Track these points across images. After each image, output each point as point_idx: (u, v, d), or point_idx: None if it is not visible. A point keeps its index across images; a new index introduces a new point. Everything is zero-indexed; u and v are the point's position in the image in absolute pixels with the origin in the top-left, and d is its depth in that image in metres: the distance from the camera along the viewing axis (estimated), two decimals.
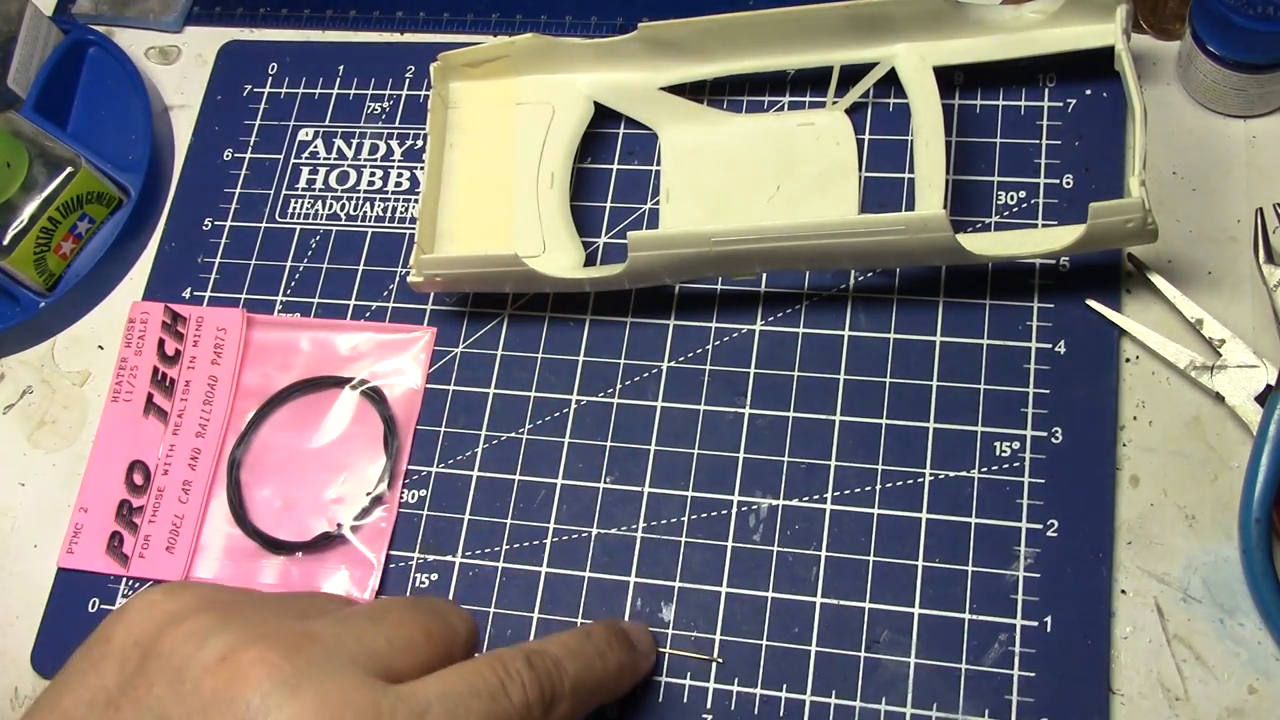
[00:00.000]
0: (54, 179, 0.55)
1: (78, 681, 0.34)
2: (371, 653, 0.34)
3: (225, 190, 0.58)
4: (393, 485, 0.50)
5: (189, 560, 0.50)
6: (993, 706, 0.43)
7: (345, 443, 0.51)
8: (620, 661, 0.41)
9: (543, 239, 0.51)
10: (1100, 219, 0.43)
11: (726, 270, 0.49)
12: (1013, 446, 0.46)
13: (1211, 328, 0.46)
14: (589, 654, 0.39)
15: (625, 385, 0.50)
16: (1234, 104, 0.49)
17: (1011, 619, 0.44)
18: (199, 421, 0.52)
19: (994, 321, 0.48)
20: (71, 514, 0.52)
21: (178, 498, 0.51)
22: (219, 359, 0.53)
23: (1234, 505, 0.43)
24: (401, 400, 0.51)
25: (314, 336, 0.54)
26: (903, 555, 0.45)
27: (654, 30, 0.51)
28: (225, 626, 0.33)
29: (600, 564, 0.47)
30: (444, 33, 0.59)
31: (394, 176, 0.56)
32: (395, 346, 0.53)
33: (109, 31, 0.63)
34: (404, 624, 0.36)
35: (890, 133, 0.52)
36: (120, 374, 0.54)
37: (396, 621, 0.36)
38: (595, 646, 0.40)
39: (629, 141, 0.54)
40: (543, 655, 0.37)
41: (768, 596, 0.46)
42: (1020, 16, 0.49)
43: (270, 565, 0.50)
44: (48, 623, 0.51)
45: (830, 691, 0.44)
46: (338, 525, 0.50)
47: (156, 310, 0.55)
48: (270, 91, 0.59)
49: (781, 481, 0.47)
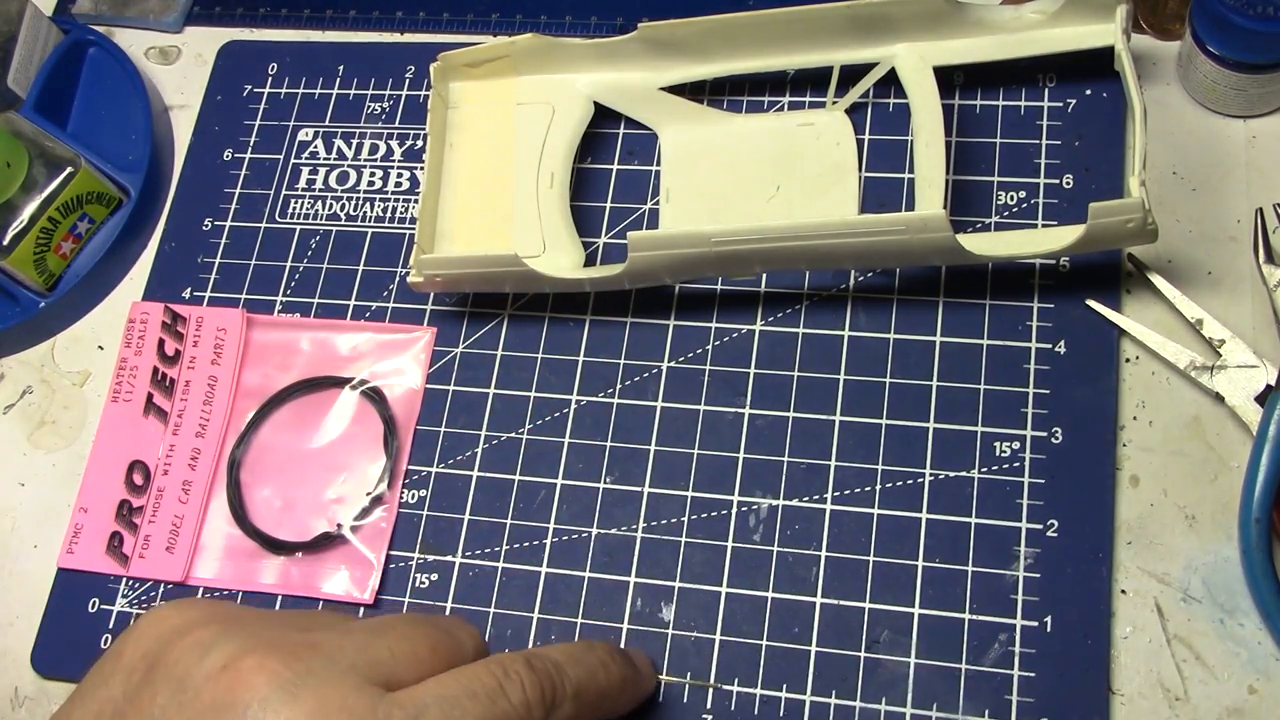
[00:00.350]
0: (54, 179, 0.55)
1: (89, 695, 0.34)
2: (372, 661, 0.34)
3: (225, 190, 0.58)
4: (393, 485, 0.50)
5: (189, 560, 0.50)
6: (993, 706, 0.43)
7: (345, 443, 0.51)
8: (623, 674, 0.41)
9: (543, 239, 0.51)
10: (1100, 219, 0.43)
11: (726, 270, 0.49)
12: (1013, 446, 0.46)
13: (1211, 328, 0.46)
14: (592, 662, 0.39)
15: (625, 385, 0.50)
16: (1234, 104, 0.49)
17: (1011, 619, 0.44)
18: (199, 421, 0.52)
19: (994, 321, 0.48)
20: (71, 514, 0.52)
21: (178, 498, 0.51)
22: (219, 359, 0.53)
23: (1234, 505, 0.43)
24: (401, 400, 0.51)
25: (314, 337, 0.54)
26: (903, 555, 0.45)
27: (654, 30, 0.51)
28: (228, 637, 0.33)
29: (600, 564, 0.47)
30: (444, 33, 0.59)
31: (394, 176, 0.56)
32: (395, 346, 0.53)
33: (109, 31, 0.63)
34: (407, 636, 0.36)
35: (890, 133, 0.52)
36: (120, 374, 0.54)
37: (400, 634, 0.36)
38: (598, 657, 0.40)
39: (629, 141, 0.54)
40: (544, 658, 0.37)
41: (768, 596, 0.46)
42: (1020, 16, 0.49)
43: (270, 565, 0.50)
44: (48, 623, 0.51)
45: (830, 691, 0.44)
46: (338, 525, 0.50)
47: (156, 310, 0.55)
48: (270, 91, 0.59)
49: (781, 481, 0.47)
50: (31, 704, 0.50)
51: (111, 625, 0.50)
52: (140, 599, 0.50)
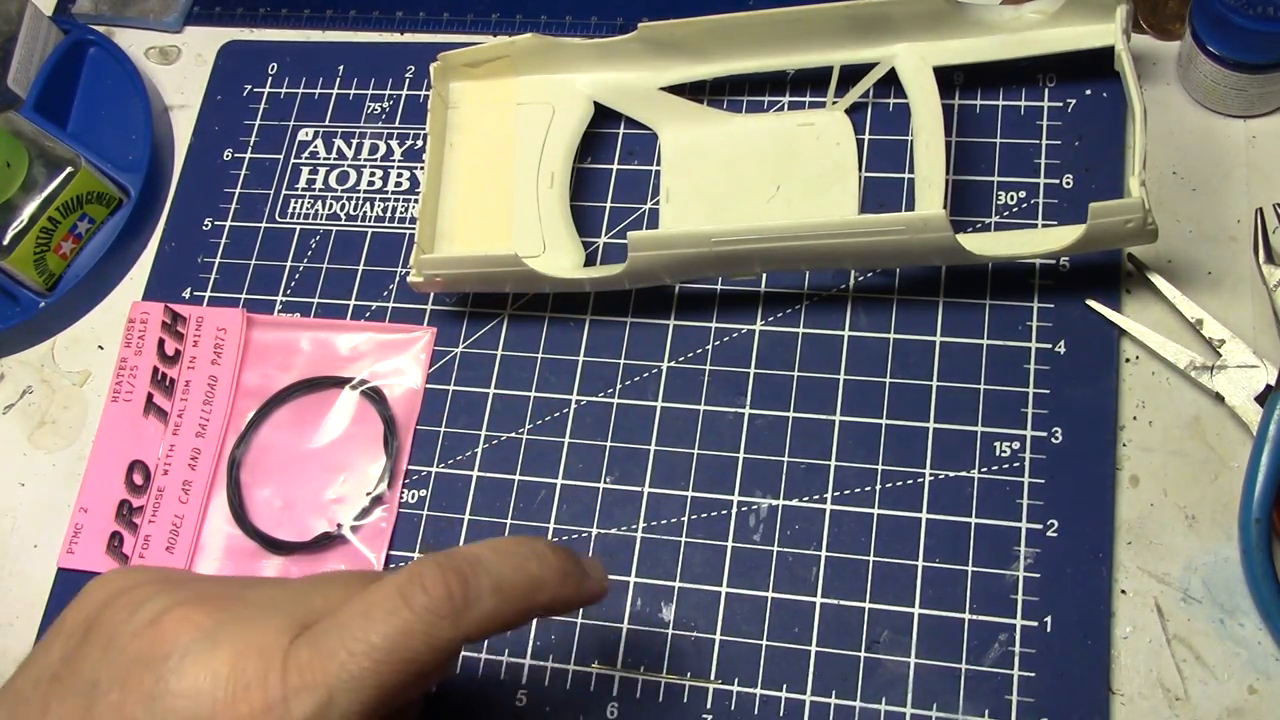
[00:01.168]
0: (54, 179, 0.55)
1: (32, 663, 0.35)
2: (304, 608, 0.33)
3: (225, 190, 0.58)
4: (393, 485, 0.50)
5: (189, 560, 0.50)
6: (993, 706, 0.43)
7: (345, 443, 0.51)
8: (562, 566, 0.36)
9: (543, 239, 0.51)
10: (1100, 219, 0.43)
11: (726, 270, 0.49)
12: (1013, 446, 0.46)
13: (1211, 328, 0.46)
14: (521, 553, 0.35)
15: (625, 385, 0.50)
16: (1234, 104, 0.49)
17: (1011, 619, 0.44)
18: (199, 421, 0.52)
19: (994, 321, 0.48)
20: (71, 514, 0.52)
21: (178, 498, 0.51)
22: (219, 359, 0.53)
23: (1234, 505, 0.43)
24: (401, 400, 0.51)
25: (314, 336, 0.53)
26: (903, 555, 0.45)
27: (654, 30, 0.51)
28: (162, 594, 0.34)
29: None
30: (444, 33, 0.59)
31: (394, 176, 0.56)
32: (395, 346, 0.53)
33: (109, 31, 0.63)
34: (345, 584, 0.35)
35: (890, 133, 0.52)
36: (120, 374, 0.54)
37: (339, 583, 0.35)
38: (531, 549, 0.36)
39: (629, 141, 0.54)
40: (459, 554, 0.34)
41: (768, 596, 0.46)
42: (1020, 16, 0.49)
43: (270, 565, 0.50)
44: (48, 623, 0.51)
45: (830, 691, 0.44)
46: (338, 525, 0.50)
47: (156, 310, 0.55)
48: (270, 91, 0.59)
49: (781, 481, 0.47)
50: None
51: None
52: None
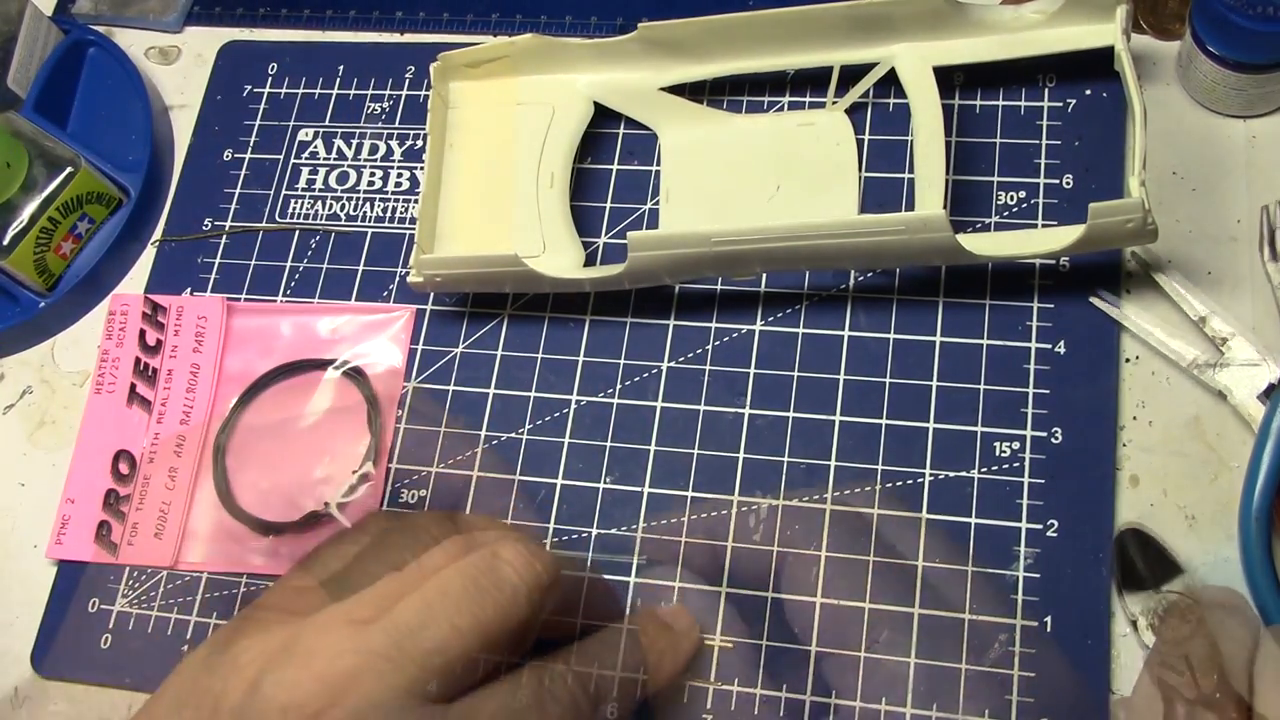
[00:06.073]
0: (54, 179, 0.55)
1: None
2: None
3: (225, 190, 0.58)
4: (378, 462, 0.50)
5: (177, 546, 0.51)
6: (993, 706, 0.43)
7: (329, 423, 0.51)
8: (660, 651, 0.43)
9: (543, 239, 0.51)
10: (1100, 219, 0.43)
11: (726, 270, 0.49)
12: (1013, 446, 0.46)
13: (1216, 324, 0.46)
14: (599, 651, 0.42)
15: (625, 385, 0.50)
16: (1234, 104, 0.49)
17: (1011, 619, 0.44)
18: (183, 409, 0.53)
19: (994, 321, 0.48)
20: (58, 505, 0.52)
21: (164, 485, 0.52)
22: (200, 347, 0.53)
23: (1234, 505, 0.43)
24: (383, 378, 0.52)
25: (294, 321, 0.54)
26: (903, 555, 0.45)
27: (654, 30, 0.51)
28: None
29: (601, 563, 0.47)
30: (444, 33, 0.59)
31: (394, 176, 0.56)
32: (375, 327, 0.53)
33: (109, 31, 0.63)
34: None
35: (890, 133, 0.52)
36: (103, 365, 0.54)
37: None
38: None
39: (629, 141, 0.54)
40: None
41: (767, 596, 0.46)
42: (1020, 16, 0.49)
43: (260, 546, 0.50)
44: (48, 623, 0.51)
45: (830, 691, 0.44)
46: (324, 504, 0.50)
47: (136, 301, 0.55)
48: (270, 91, 0.59)
49: (781, 481, 0.47)
50: (31, 704, 0.50)
51: (111, 625, 0.50)
52: (140, 599, 0.50)
